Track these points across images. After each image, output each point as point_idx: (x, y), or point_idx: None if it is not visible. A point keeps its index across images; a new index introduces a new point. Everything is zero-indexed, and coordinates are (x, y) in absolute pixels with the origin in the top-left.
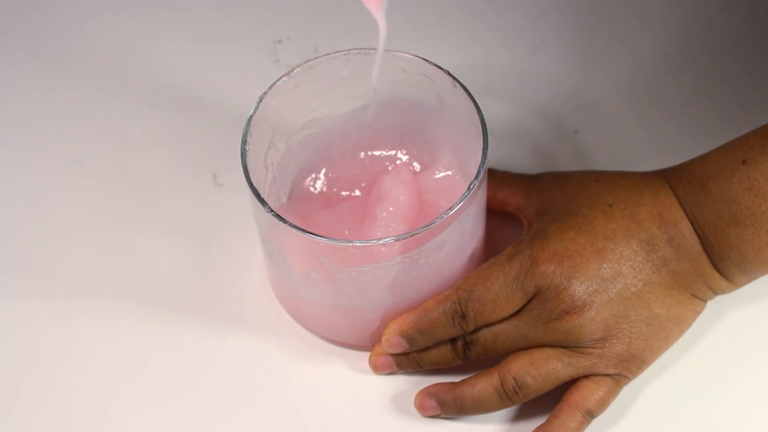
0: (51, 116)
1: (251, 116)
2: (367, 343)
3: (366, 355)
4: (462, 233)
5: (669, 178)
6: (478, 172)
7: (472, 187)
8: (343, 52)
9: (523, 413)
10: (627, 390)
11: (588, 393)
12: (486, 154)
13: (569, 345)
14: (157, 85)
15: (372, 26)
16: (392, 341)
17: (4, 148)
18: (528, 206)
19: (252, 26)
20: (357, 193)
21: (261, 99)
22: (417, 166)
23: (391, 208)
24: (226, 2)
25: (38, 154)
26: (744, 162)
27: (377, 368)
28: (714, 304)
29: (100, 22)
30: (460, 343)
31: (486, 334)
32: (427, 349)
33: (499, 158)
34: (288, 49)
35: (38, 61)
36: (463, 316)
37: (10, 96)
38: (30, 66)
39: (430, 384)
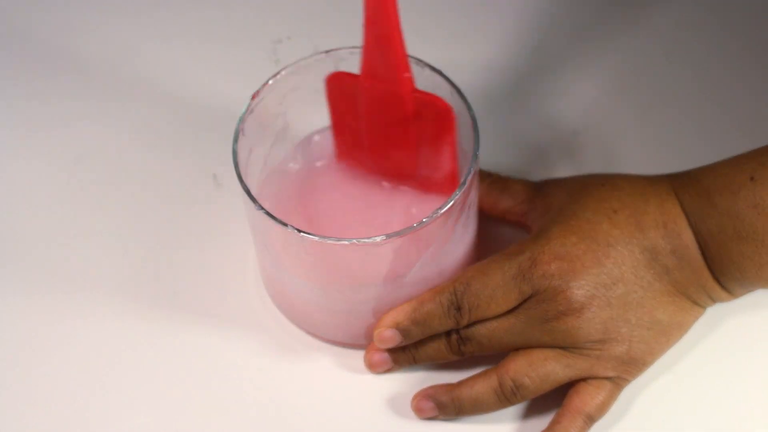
0: (51, 116)
1: (242, 115)
2: (362, 341)
3: (360, 353)
4: (454, 233)
5: (676, 186)
6: (468, 171)
7: (463, 184)
8: (348, 50)
9: (523, 415)
10: (626, 391)
11: (588, 397)
12: (477, 155)
13: (567, 346)
14: (157, 85)
15: None
16: (385, 335)
17: (3, 149)
18: (533, 212)
19: (252, 26)
20: None
21: (253, 98)
22: None
23: None
24: (226, 2)
25: (38, 154)
26: (752, 179)
27: (373, 366)
28: (715, 306)
29: (100, 22)
30: (454, 337)
31: (481, 329)
32: (422, 343)
33: (498, 159)
34: (288, 49)
35: (38, 61)
36: (459, 308)
37: (10, 96)
38: (29, 66)
39: (427, 386)
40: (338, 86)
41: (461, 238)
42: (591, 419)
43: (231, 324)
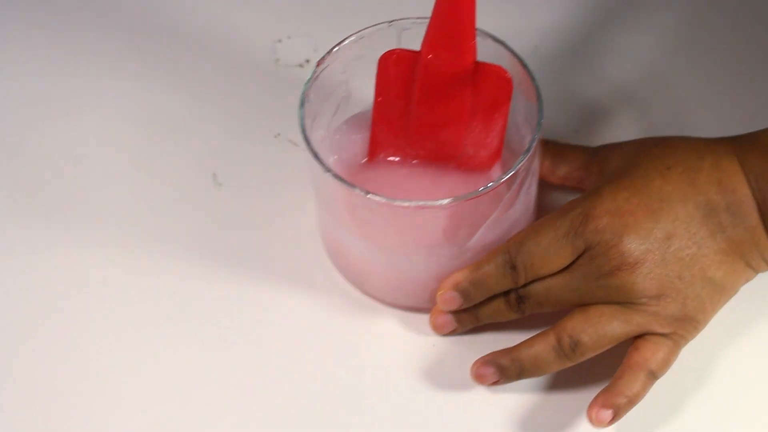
0: (51, 115)
1: (308, 81)
2: (425, 304)
3: (419, 316)
4: (518, 199)
5: (736, 146)
6: (533, 138)
7: (528, 150)
8: (411, 20)
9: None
10: None
11: (648, 353)
12: (541, 123)
13: (622, 301)
14: (157, 85)
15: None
16: (446, 297)
17: (3, 149)
18: (590, 177)
19: (252, 26)
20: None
21: (318, 64)
22: None
23: None
24: (226, 2)
25: (37, 153)
26: None
27: (438, 328)
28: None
29: (100, 22)
30: (513, 296)
31: (537, 287)
32: (482, 303)
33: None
34: (288, 49)
35: (37, 61)
36: (514, 267)
37: (10, 96)
38: (28, 65)
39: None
40: (392, 65)
41: (523, 205)
42: (653, 375)
43: (240, 326)
